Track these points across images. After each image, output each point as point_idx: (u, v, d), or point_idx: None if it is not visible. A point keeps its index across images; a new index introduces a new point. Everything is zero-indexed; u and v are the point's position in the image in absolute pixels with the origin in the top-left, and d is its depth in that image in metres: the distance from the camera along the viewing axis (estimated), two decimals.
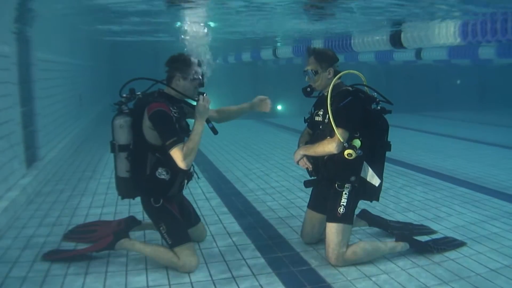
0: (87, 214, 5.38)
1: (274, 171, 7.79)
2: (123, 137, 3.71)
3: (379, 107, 3.91)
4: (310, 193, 4.48)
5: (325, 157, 3.92)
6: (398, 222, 4.94)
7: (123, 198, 3.98)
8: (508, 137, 12.39)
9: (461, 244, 4.45)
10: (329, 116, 3.75)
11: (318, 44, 9.85)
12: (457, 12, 5.78)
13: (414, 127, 14.00)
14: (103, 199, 6.00)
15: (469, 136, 12.36)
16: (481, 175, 7.56)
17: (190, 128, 3.76)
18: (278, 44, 12.03)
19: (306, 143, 4.22)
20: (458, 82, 21.26)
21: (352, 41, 8.15)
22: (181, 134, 3.58)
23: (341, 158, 3.75)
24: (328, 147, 3.77)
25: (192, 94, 3.78)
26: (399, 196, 6.16)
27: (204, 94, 3.79)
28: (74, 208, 5.57)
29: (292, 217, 5.31)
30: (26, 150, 6.20)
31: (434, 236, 4.64)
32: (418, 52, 11.56)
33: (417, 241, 4.29)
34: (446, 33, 6.17)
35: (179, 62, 3.73)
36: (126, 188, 3.85)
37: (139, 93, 3.80)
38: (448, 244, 4.40)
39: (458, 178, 7.34)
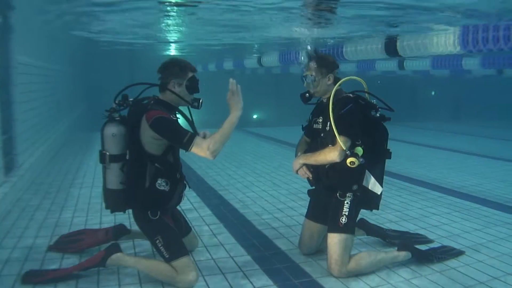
0: (71, 223, 5.14)
1: (260, 181, 7.67)
2: (115, 146, 3.48)
3: (378, 114, 3.83)
4: (308, 203, 4.35)
5: (327, 166, 3.80)
6: (395, 231, 4.87)
7: (112, 211, 3.73)
8: (486, 147, 12.60)
9: (459, 253, 4.40)
10: (330, 123, 3.67)
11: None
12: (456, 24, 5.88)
13: (393, 136, 14.00)
14: (86, 208, 5.76)
15: (448, 146, 12.49)
16: (466, 184, 7.59)
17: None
18: (254, 53, 12.06)
19: (305, 151, 4.09)
20: (433, 93, 21.59)
21: (344, 49, 8.09)
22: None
23: (343, 167, 3.64)
24: (330, 155, 3.66)
25: (188, 100, 3.62)
26: (389, 205, 6.10)
27: (200, 100, 3.65)
28: (56, 218, 5.32)
29: (286, 227, 5.18)
30: (4, 157, 5.91)
31: (431, 245, 4.59)
32: (401, 62, 11.65)
33: (418, 250, 4.21)
34: (445, 42, 6.17)
35: (174, 68, 3.55)
36: (116, 201, 3.60)
37: (131, 99, 3.60)
38: (447, 253, 4.35)
39: (445, 187, 7.35)
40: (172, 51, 13.58)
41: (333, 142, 3.67)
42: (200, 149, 3.25)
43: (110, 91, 3.53)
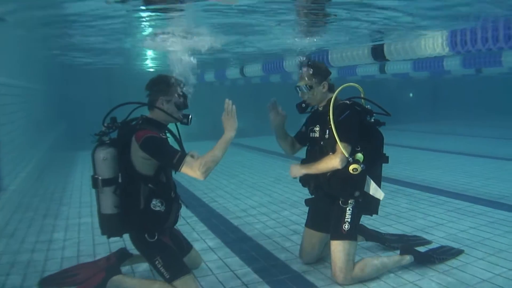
0: (63, 246, 5.00)
1: (250, 191, 7.62)
2: (107, 170, 3.38)
3: (373, 120, 3.83)
4: (307, 212, 4.31)
5: (328, 174, 3.77)
6: (393, 234, 4.86)
7: (109, 237, 3.62)
8: (469, 146, 12.78)
9: (459, 252, 4.42)
10: (329, 131, 3.66)
11: (290, 61, 9.74)
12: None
13: None
14: (77, 229, 5.62)
15: (431, 147, 12.64)
16: (456, 184, 7.66)
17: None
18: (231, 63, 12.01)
19: (304, 160, 4.05)
20: (411, 95, 21.84)
21: (329, 56, 8.09)
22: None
23: (344, 174, 3.62)
24: (331, 162, 3.63)
25: (177, 117, 3.55)
26: (382, 209, 6.01)
27: (190, 116, 3.59)
28: (48, 241, 5.17)
29: (282, 236, 5.13)
30: None
31: (429, 246, 4.60)
32: (382, 66, 11.75)
33: (419, 252, 4.21)
34: (433, 44, 6.21)
35: (161, 85, 3.48)
36: (112, 226, 3.48)
37: (120, 121, 3.52)
38: (447, 253, 4.36)
39: (435, 188, 7.40)
40: (150, 65, 13.46)
41: (334, 149, 3.65)
42: (190, 169, 3.16)
43: (89, 109, 3.44)
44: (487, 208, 5.96)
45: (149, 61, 12.46)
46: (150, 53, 10.88)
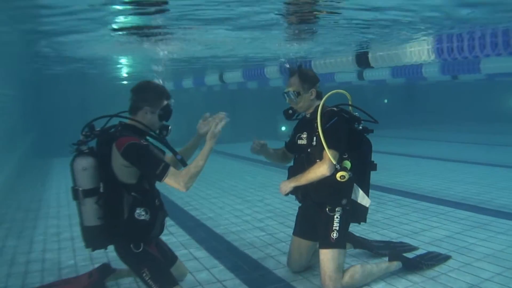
0: (43, 259, 4.84)
1: (231, 199, 7.54)
2: (88, 181, 3.24)
3: (361, 127, 3.80)
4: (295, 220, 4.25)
5: (315, 182, 3.72)
6: (379, 241, 4.84)
7: (93, 250, 3.47)
8: (446, 151, 12.95)
9: (447, 257, 4.42)
10: (317, 138, 3.62)
11: (273, 68, 9.71)
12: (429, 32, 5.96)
13: None
14: (56, 239, 5.46)
15: (410, 152, 12.76)
16: (436, 189, 7.71)
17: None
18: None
19: (291, 170, 4.00)
20: (386, 101, 22.04)
21: (313, 62, 8.07)
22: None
23: (332, 181, 3.58)
24: (319, 170, 3.58)
25: (156, 128, 3.45)
26: (368, 215, 6.06)
27: (169, 127, 3.50)
28: (26, 254, 5.00)
29: (268, 245, 5.06)
30: None
31: (416, 253, 4.59)
32: (360, 72, 11.82)
33: (407, 258, 4.20)
34: (419, 51, 6.24)
35: (149, 93, 3.37)
36: (96, 238, 3.35)
37: (98, 129, 3.39)
38: (435, 259, 4.36)
39: (417, 193, 7.45)
40: (124, 72, 13.31)
41: (321, 156, 3.60)
42: (174, 181, 3.09)
43: (63, 115, 3.30)
44: (470, 213, 6.01)
45: (124, 69, 12.32)
46: (123, 61, 10.78)
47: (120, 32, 6.28)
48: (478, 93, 21.32)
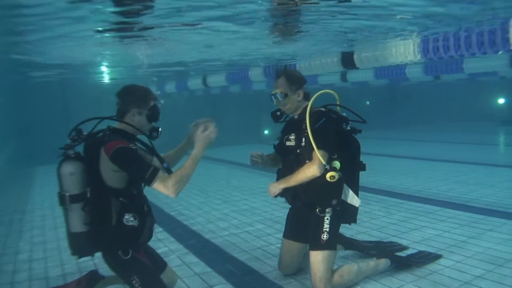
0: (29, 267, 4.73)
1: (218, 203, 7.47)
2: (75, 186, 3.15)
3: (349, 127, 3.79)
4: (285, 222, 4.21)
5: (305, 183, 3.69)
6: (369, 241, 4.82)
7: (80, 257, 3.38)
8: (429, 151, 13.04)
9: (437, 256, 4.42)
10: (305, 139, 3.60)
11: (258, 71, 9.66)
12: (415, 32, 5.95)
13: None
14: (42, 248, 5.36)
15: (394, 153, 12.82)
16: (423, 188, 7.75)
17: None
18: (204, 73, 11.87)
19: (280, 171, 3.96)
20: (368, 103, 22.16)
21: (297, 65, 8.05)
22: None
23: (321, 182, 3.55)
24: (309, 171, 3.56)
25: (146, 130, 3.39)
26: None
27: (159, 129, 3.44)
28: (13, 262, 4.88)
29: (257, 248, 5.01)
30: None
31: (406, 252, 4.59)
32: (344, 74, 11.86)
33: (397, 256, 4.22)
34: (404, 51, 6.25)
35: (134, 96, 3.32)
36: (83, 245, 3.26)
37: (85, 133, 3.32)
38: (425, 258, 4.35)
39: (403, 193, 7.46)
40: (107, 78, 13.15)
41: (310, 157, 3.57)
42: (164, 186, 3.02)
43: (44, 123, 3.20)
44: (457, 212, 6.03)
45: (105, 74, 12.19)
46: (104, 69, 10.66)
47: (103, 34, 6.17)
48: (460, 93, 21.57)
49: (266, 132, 18.16)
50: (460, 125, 20.71)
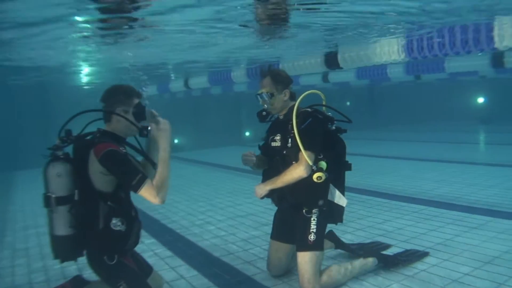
0: (12, 273, 4.60)
1: (202, 206, 7.40)
2: (62, 187, 3.06)
3: (334, 127, 3.76)
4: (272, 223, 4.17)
5: (291, 184, 3.65)
6: (354, 244, 4.80)
7: (63, 261, 3.29)
8: (411, 150, 13.16)
9: (424, 254, 4.42)
10: (292, 140, 3.57)
11: (240, 71, 9.58)
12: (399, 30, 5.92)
13: None
14: (25, 254, 5.23)
15: (374, 153, 12.88)
16: (406, 187, 7.78)
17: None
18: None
19: (265, 172, 3.92)
20: (348, 103, 22.27)
21: (280, 65, 8.00)
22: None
23: (308, 183, 3.52)
24: (296, 172, 3.52)
25: (134, 130, 3.31)
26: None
27: (148, 127, 3.36)
28: None
29: (244, 251, 4.96)
30: None
31: (391, 250, 4.61)
32: (325, 75, 11.86)
33: (384, 255, 4.22)
34: (388, 50, 6.24)
35: (118, 95, 3.24)
36: (67, 249, 3.17)
37: (74, 135, 3.23)
38: (412, 256, 4.35)
39: (387, 193, 7.48)
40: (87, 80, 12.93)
41: (297, 158, 3.54)
42: (150, 194, 2.97)
43: (24, 127, 3.08)
44: (442, 210, 6.06)
45: (86, 76, 12.00)
46: (86, 70, 10.50)
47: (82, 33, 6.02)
48: (440, 93, 21.84)
49: (247, 134, 18.13)
50: (440, 125, 20.97)
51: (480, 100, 22.37)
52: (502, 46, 5.05)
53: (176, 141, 17.13)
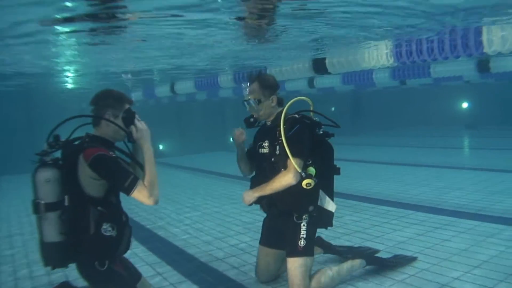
0: None
1: (187, 211, 7.34)
2: (51, 193, 2.99)
3: (321, 132, 3.74)
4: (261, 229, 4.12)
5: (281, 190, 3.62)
6: (342, 246, 4.79)
7: (53, 268, 3.24)
8: (395, 155, 13.22)
9: (412, 259, 4.42)
10: (280, 147, 3.53)
11: (227, 76, 9.51)
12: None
13: None
14: (11, 260, 5.14)
15: (358, 158, 12.91)
16: (393, 192, 7.80)
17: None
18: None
19: (254, 179, 3.88)
20: (333, 109, 22.32)
21: (267, 70, 7.96)
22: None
23: (297, 189, 3.49)
24: (285, 179, 3.49)
25: (123, 135, 3.26)
26: None
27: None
28: None
29: (232, 256, 4.91)
30: None
31: (379, 255, 4.56)
32: (311, 80, 11.85)
33: (372, 256, 4.26)
34: (377, 55, 6.22)
35: (108, 99, 3.19)
36: (58, 256, 3.09)
37: (62, 140, 3.16)
38: (401, 260, 4.35)
39: (374, 198, 7.49)
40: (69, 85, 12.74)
41: (285, 165, 3.50)
42: (143, 195, 2.93)
43: (7, 131, 2.98)
44: (430, 215, 6.07)
45: (70, 83, 11.85)
46: (70, 74, 10.34)
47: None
48: (425, 98, 22.01)
49: (232, 140, 18.02)
50: (425, 130, 21.11)
51: (465, 105, 22.60)
52: (491, 51, 5.07)
53: (160, 147, 17.03)
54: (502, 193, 7.13)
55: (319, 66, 7.30)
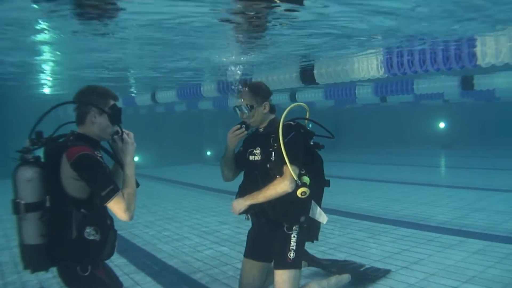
0: None
1: (167, 222, 7.17)
2: (32, 193, 2.81)
3: (312, 142, 3.66)
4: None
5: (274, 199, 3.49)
6: (327, 260, 4.70)
7: (33, 271, 3.05)
8: (376, 172, 13.29)
9: (386, 272, 4.45)
10: (275, 154, 3.41)
11: (209, 86, 9.36)
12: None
13: None
14: None
15: (339, 174, 12.84)
16: (376, 208, 7.76)
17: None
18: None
19: (242, 186, 3.75)
20: (310, 125, 22.40)
21: (253, 80, 7.82)
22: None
23: (291, 198, 3.36)
24: (280, 186, 3.36)
25: (109, 133, 3.09)
26: None
27: (120, 133, 3.14)
28: None
29: (214, 268, 4.77)
30: None
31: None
32: (293, 94, 11.80)
33: (357, 271, 4.26)
34: (367, 66, 6.14)
35: (92, 95, 3.02)
36: (38, 258, 2.91)
37: (45, 137, 2.98)
38: (376, 272, 4.41)
39: (356, 213, 7.44)
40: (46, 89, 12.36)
41: (281, 172, 3.38)
42: (119, 208, 2.75)
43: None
44: (413, 230, 6.04)
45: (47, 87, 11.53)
46: (49, 78, 10.05)
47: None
48: (403, 116, 22.26)
49: (208, 153, 17.93)
50: (402, 148, 21.30)
51: (442, 125, 22.90)
52: (484, 63, 5.05)
53: (136, 158, 16.72)
54: (484, 210, 7.17)
55: (307, 77, 7.17)
